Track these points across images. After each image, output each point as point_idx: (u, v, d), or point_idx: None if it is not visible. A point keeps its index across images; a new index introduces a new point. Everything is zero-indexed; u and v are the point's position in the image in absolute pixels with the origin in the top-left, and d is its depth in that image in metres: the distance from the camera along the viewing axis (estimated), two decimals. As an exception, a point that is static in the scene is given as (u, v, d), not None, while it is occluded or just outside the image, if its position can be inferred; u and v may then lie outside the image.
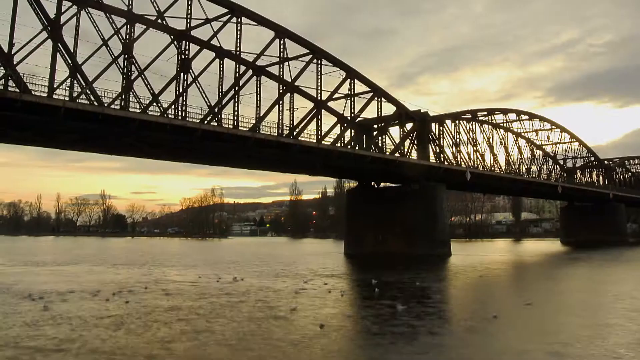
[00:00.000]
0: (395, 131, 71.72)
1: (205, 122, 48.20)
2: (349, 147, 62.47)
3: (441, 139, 74.30)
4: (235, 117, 51.28)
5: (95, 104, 41.64)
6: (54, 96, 39.41)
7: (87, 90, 41.74)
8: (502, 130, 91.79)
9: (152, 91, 45.10)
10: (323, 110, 59.80)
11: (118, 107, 43.20)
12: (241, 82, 52.55)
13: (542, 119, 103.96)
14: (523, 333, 16.99)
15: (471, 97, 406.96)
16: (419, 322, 18.65)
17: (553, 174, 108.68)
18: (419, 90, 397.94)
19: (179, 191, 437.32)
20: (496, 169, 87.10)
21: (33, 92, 38.42)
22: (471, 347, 14.99)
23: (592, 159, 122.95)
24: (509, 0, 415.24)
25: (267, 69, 56.03)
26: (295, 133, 55.73)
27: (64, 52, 41.18)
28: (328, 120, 62.41)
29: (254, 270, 42.69)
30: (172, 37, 48.15)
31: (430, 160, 71.16)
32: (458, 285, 34.24)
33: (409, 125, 70.19)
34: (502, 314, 19.80)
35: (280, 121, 54.62)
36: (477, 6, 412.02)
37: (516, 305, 23.33)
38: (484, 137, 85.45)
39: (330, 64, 59.63)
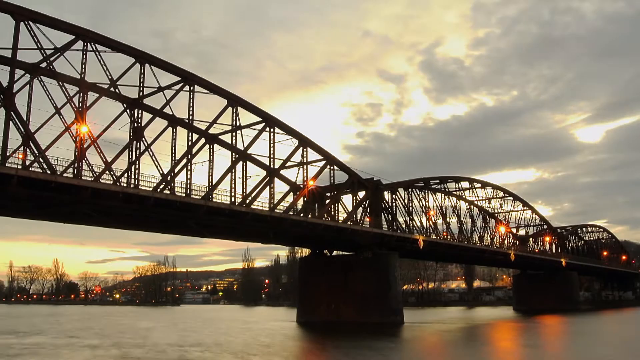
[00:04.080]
0: (348, 199, 72.30)
1: (158, 190, 48.10)
2: (301, 215, 62.76)
3: (394, 207, 75.20)
4: (188, 186, 51.30)
5: (48, 172, 41.40)
6: (6, 164, 39.23)
7: (40, 159, 41.54)
8: (454, 198, 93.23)
9: (104, 159, 44.97)
10: (276, 178, 60.29)
11: (71, 175, 43.04)
12: (194, 151, 52.74)
13: (494, 187, 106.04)
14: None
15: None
16: None
17: (506, 241, 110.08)
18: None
19: (131, 261, 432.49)
20: (449, 237, 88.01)
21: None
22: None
23: (545, 226, 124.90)
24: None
25: (219, 137, 56.57)
26: (247, 201, 55.85)
27: (16, 120, 41.04)
28: (281, 188, 62.69)
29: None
30: (124, 105, 48.44)
31: (383, 229, 71.83)
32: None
33: (361, 194, 70.92)
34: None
35: (233, 189, 54.77)
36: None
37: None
38: (436, 205, 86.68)
39: (283, 132, 60.44)
